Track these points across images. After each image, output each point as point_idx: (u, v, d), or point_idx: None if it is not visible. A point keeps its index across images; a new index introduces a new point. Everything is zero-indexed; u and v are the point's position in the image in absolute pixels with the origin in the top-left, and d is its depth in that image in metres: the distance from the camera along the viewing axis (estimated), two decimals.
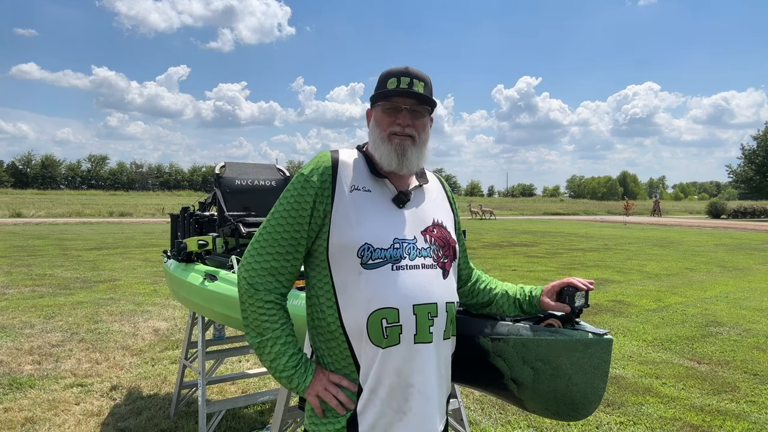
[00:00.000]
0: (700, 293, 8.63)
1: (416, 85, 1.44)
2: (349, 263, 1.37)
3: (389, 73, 1.46)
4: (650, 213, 47.12)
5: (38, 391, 4.11)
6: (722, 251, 15.08)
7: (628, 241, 18.19)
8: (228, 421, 3.68)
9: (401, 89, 1.43)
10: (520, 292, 1.62)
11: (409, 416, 1.38)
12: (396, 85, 1.44)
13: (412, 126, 1.45)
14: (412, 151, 1.45)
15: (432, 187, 1.59)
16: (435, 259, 1.43)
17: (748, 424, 3.75)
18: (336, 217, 1.39)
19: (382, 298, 1.34)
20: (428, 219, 1.48)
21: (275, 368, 1.41)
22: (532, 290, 1.61)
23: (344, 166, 1.46)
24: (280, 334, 1.41)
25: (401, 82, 1.44)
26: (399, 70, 1.46)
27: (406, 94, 1.43)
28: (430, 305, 1.38)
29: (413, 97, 1.44)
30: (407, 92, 1.43)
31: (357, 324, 1.36)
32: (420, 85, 1.45)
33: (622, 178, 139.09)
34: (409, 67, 1.47)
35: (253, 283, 1.41)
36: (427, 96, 1.45)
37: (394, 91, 1.43)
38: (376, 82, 1.52)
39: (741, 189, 56.05)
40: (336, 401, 1.39)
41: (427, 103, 1.47)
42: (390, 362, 1.35)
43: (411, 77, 1.44)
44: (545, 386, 1.50)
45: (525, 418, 3.76)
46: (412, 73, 1.45)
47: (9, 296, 7.66)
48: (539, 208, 55.86)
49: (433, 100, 1.48)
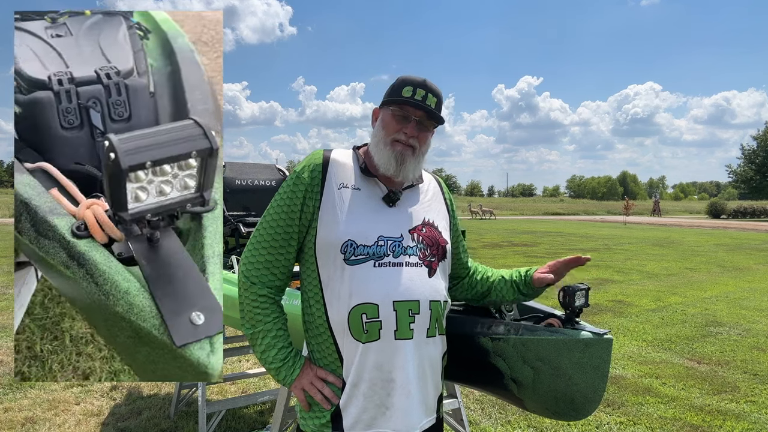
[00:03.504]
0: (700, 293, 8.63)
1: (430, 99, 1.47)
2: (333, 259, 1.41)
3: (406, 81, 1.48)
4: (650, 213, 47.14)
5: (38, 391, 4.11)
6: (722, 251, 15.08)
7: (628, 241, 18.20)
8: (228, 421, 3.68)
9: (416, 101, 1.45)
10: (516, 275, 1.65)
11: (392, 411, 1.40)
12: (411, 95, 1.46)
13: (416, 138, 1.47)
14: (410, 161, 1.47)
15: (427, 188, 1.61)
16: (421, 257, 1.45)
17: (748, 424, 3.75)
18: (323, 214, 1.43)
19: (363, 294, 1.37)
20: (418, 218, 1.50)
21: (265, 359, 1.46)
22: (527, 270, 1.64)
23: (335, 164, 1.50)
24: (271, 327, 1.46)
25: (417, 93, 1.46)
26: (417, 81, 1.47)
27: (419, 107, 1.46)
28: (411, 302, 1.40)
29: (425, 111, 1.46)
30: (420, 105, 1.45)
31: (340, 319, 1.40)
32: (433, 101, 1.47)
33: (622, 178, 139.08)
34: (427, 80, 1.49)
35: (249, 276, 1.47)
36: (437, 113, 1.48)
37: (408, 100, 1.45)
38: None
39: (741, 189, 56.10)
40: (321, 396, 1.44)
41: (436, 120, 1.50)
42: (370, 357, 1.39)
43: (427, 90, 1.46)
44: (545, 386, 1.50)
45: (525, 418, 3.76)
46: (429, 87, 1.47)
47: (9, 296, 7.65)
48: (539, 208, 55.87)
49: (442, 118, 1.51)
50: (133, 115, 2.13)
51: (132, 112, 2.12)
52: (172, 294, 1.73)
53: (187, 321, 1.69)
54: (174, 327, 1.67)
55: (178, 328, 1.67)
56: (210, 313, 1.73)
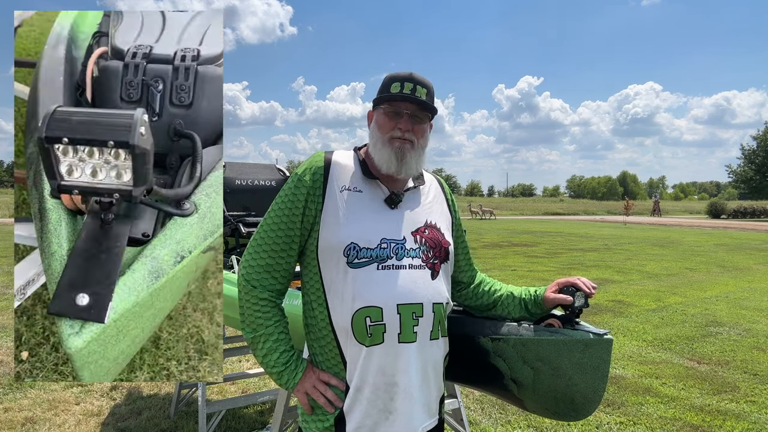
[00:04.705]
0: (700, 293, 8.63)
1: (419, 91, 1.46)
2: (336, 262, 1.40)
3: (394, 77, 1.48)
4: (650, 213, 47.13)
5: (38, 391, 4.11)
6: (722, 251, 15.08)
7: (628, 241, 18.20)
8: (228, 421, 3.68)
9: (404, 94, 1.45)
10: (526, 293, 1.63)
11: (395, 416, 1.39)
12: (399, 90, 1.45)
13: (411, 131, 1.47)
14: (411, 155, 1.47)
15: (429, 189, 1.60)
16: (424, 259, 1.45)
17: (748, 424, 3.75)
18: (325, 217, 1.43)
19: (367, 297, 1.37)
20: (421, 220, 1.50)
21: (266, 363, 1.45)
22: (537, 290, 1.62)
23: (337, 166, 1.49)
24: (273, 331, 1.44)
25: (405, 87, 1.45)
26: (403, 75, 1.47)
27: (409, 100, 1.45)
28: (415, 305, 1.39)
29: (415, 103, 1.46)
30: (410, 98, 1.45)
31: (343, 322, 1.39)
32: (423, 92, 1.47)
33: (622, 178, 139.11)
34: (413, 72, 1.48)
35: (249, 279, 1.46)
36: (428, 103, 1.47)
37: (397, 95, 1.45)
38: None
39: (741, 189, 56.09)
40: (324, 399, 1.43)
41: (428, 110, 1.49)
42: (374, 361, 1.37)
43: (415, 83, 1.46)
44: (545, 386, 1.50)
45: (525, 418, 3.76)
46: (416, 79, 1.47)
47: (9, 296, 7.65)
48: (539, 208, 55.87)
49: (435, 107, 1.50)
50: (194, 104, 2.07)
51: (195, 99, 2.06)
52: (79, 268, 1.74)
53: (72, 296, 1.69)
54: (58, 295, 1.68)
55: (60, 298, 1.68)
56: (97, 303, 1.71)
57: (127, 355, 1.91)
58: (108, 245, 1.80)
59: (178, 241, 1.93)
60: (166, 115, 2.07)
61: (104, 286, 1.73)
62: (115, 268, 1.77)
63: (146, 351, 2.21)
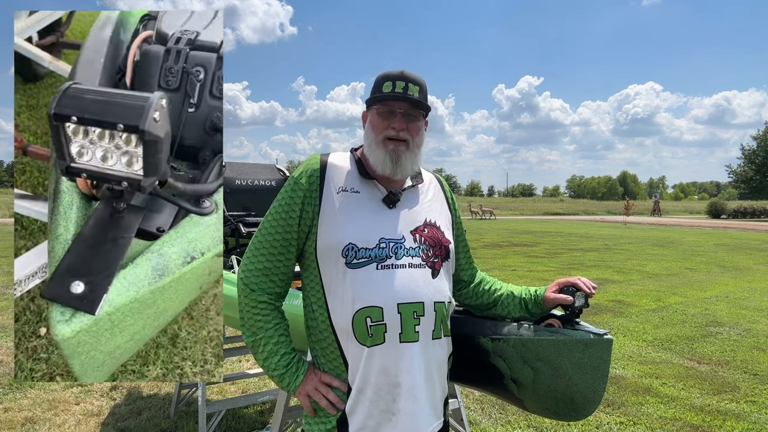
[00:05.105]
0: (700, 293, 8.63)
1: (411, 89, 1.45)
2: (335, 263, 1.39)
3: (385, 77, 1.47)
4: (650, 213, 47.12)
5: (38, 391, 4.11)
6: (722, 251, 15.07)
7: (628, 241, 18.19)
8: (228, 421, 3.68)
9: (396, 93, 1.44)
10: (526, 292, 1.63)
11: (398, 417, 1.39)
12: (391, 89, 1.45)
13: (406, 130, 1.46)
14: (406, 156, 1.46)
15: (428, 187, 1.59)
16: (424, 258, 1.44)
17: (748, 424, 3.75)
18: (323, 218, 1.42)
19: (366, 297, 1.36)
20: (420, 219, 1.49)
21: (267, 366, 1.44)
22: (537, 290, 1.62)
23: (333, 168, 1.48)
24: (273, 334, 1.44)
25: (396, 86, 1.45)
26: (395, 74, 1.46)
27: (401, 98, 1.44)
28: (416, 304, 1.39)
29: (408, 102, 1.45)
30: (402, 96, 1.44)
31: (344, 323, 1.38)
32: (415, 90, 1.46)
33: (622, 178, 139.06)
34: (404, 70, 1.47)
35: (248, 283, 1.45)
36: (421, 101, 1.46)
37: (389, 95, 1.44)
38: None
39: (741, 189, 56.08)
40: (326, 401, 1.42)
41: (422, 108, 1.48)
42: (376, 361, 1.37)
43: (406, 81, 1.45)
44: (545, 386, 1.50)
45: (525, 418, 3.76)
46: (408, 77, 1.46)
47: (9, 296, 7.65)
48: (539, 208, 55.86)
49: (428, 104, 1.49)
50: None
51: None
52: (80, 255, 1.69)
53: (68, 283, 1.65)
54: (54, 279, 1.64)
55: (56, 283, 1.64)
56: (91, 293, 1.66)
57: (125, 350, 1.87)
58: (114, 235, 1.74)
59: (191, 240, 1.86)
60: (204, 106, 1.95)
61: (102, 276, 1.68)
62: (117, 260, 1.71)
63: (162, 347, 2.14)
